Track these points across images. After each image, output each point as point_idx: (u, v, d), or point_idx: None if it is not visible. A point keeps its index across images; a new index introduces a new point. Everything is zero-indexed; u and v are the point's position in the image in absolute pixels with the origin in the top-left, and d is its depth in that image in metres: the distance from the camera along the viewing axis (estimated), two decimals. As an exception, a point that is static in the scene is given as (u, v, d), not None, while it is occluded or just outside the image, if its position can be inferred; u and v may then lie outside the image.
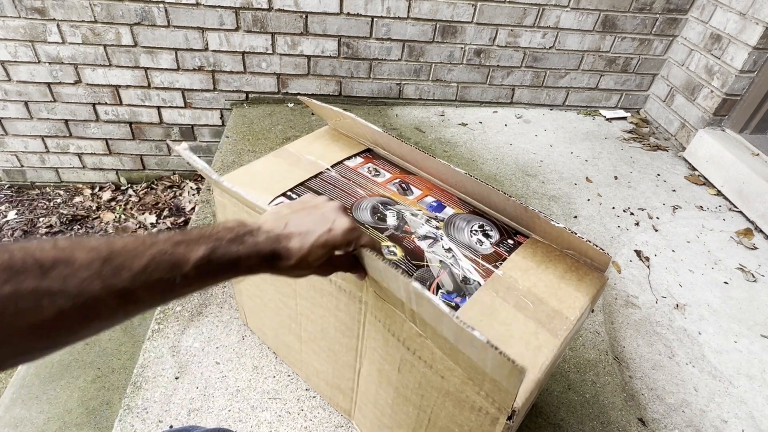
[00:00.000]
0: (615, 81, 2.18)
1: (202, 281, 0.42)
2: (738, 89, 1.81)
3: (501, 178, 1.77)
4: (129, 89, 1.92)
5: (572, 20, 1.96)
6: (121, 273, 0.36)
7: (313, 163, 0.87)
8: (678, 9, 1.97)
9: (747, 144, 1.83)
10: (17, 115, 1.94)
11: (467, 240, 0.74)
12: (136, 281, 0.37)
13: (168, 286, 0.40)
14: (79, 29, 1.74)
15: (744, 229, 1.63)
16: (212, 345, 1.07)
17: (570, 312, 0.65)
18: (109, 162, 2.14)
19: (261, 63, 1.92)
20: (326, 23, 1.84)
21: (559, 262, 0.72)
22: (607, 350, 1.18)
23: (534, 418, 1.01)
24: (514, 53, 2.03)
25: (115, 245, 0.37)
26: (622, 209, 1.67)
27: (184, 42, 1.82)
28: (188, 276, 0.40)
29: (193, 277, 0.41)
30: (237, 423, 0.93)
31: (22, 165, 2.11)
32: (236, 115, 1.95)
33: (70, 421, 1.18)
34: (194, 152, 2.15)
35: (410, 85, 2.08)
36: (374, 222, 0.75)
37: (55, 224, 1.98)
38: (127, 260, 0.37)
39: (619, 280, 1.39)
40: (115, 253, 0.37)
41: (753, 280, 1.43)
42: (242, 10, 1.77)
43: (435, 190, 0.85)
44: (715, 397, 1.11)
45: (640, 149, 2.02)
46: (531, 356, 0.58)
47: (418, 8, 1.85)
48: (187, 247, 0.41)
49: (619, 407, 1.06)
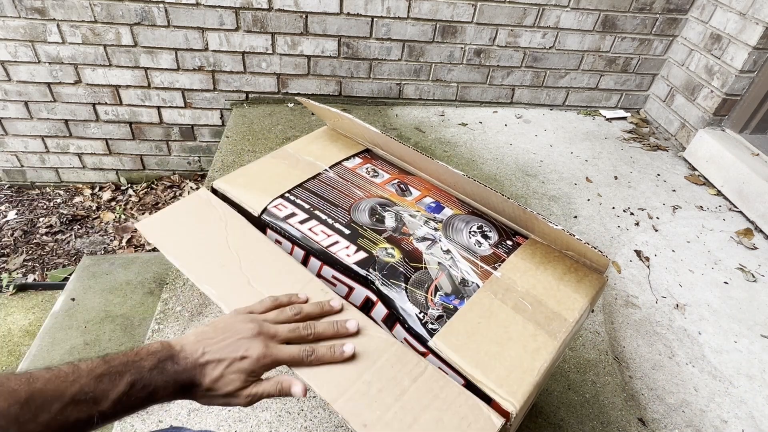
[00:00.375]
0: (615, 81, 2.18)
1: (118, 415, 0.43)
2: (738, 89, 1.81)
3: (501, 178, 1.76)
4: (129, 89, 1.92)
5: (572, 20, 1.96)
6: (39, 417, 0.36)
7: (311, 164, 0.87)
8: (678, 9, 1.97)
9: (747, 144, 1.83)
10: (17, 115, 1.94)
11: (466, 241, 0.74)
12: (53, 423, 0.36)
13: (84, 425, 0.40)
14: (79, 29, 1.74)
15: (744, 229, 1.62)
16: (212, 345, 1.07)
17: (569, 314, 0.65)
18: (109, 162, 2.14)
19: (261, 63, 1.92)
20: (326, 23, 1.84)
21: (558, 263, 0.72)
22: (607, 350, 1.18)
23: (534, 418, 1.01)
24: (514, 53, 2.03)
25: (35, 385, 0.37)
26: (622, 209, 1.67)
27: (184, 42, 1.82)
28: (106, 414, 0.41)
29: (111, 414, 0.41)
30: (237, 423, 0.93)
31: (22, 165, 2.11)
32: (236, 115, 1.95)
33: (70, 421, 1.18)
34: (194, 152, 2.16)
35: (410, 85, 2.07)
36: (372, 224, 0.75)
37: (55, 224, 1.99)
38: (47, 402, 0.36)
39: (619, 280, 1.39)
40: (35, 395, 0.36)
41: (753, 280, 1.43)
42: (242, 10, 1.77)
43: (434, 190, 0.85)
44: (715, 397, 1.11)
45: (640, 149, 2.02)
46: (529, 358, 0.58)
47: (418, 8, 1.85)
48: (111, 381, 0.41)
49: (619, 407, 1.06)
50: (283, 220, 0.74)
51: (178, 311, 1.15)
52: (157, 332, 1.09)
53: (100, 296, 1.48)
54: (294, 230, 0.72)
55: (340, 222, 0.74)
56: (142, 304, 1.45)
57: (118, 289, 1.51)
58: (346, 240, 0.71)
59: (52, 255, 1.89)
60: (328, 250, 0.70)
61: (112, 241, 1.95)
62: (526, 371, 0.57)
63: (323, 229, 0.73)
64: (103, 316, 1.40)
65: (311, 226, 0.73)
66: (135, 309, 1.44)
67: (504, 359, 0.58)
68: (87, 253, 1.89)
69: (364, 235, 0.72)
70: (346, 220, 0.74)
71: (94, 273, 1.57)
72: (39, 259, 1.87)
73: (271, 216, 0.75)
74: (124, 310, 1.43)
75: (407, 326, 0.62)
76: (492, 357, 0.58)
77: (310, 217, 0.75)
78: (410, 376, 0.56)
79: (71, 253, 1.90)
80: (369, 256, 0.69)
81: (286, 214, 0.75)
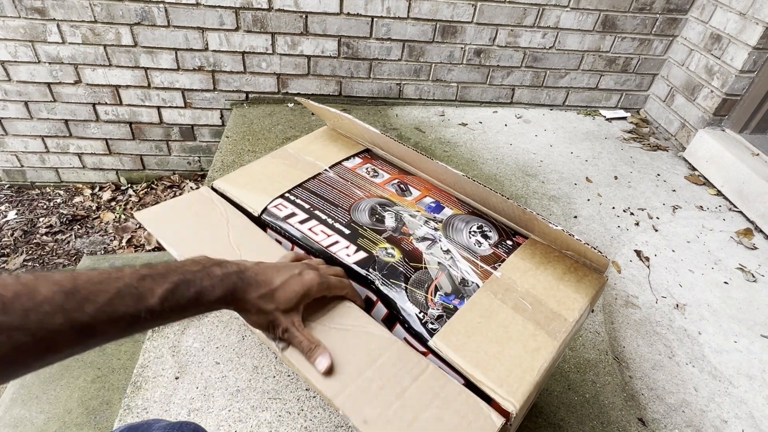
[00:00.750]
0: (615, 81, 2.18)
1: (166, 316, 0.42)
2: (738, 89, 1.81)
3: (501, 178, 1.76)
4: (129, 89, 1.92)
5: (572, 20, 1.96)
6: (85, 306, 0.36)
7: (311, 164, 0.87)
8: (678, 9, 1.97)
9: (747, 144, 1.83)
10: (17, 115, 1.94)
11: (466, 241, 0.74)
12: (100, 315, 0.37)
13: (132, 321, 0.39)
14: (79, 29, 1.75)
15: (744, 229, 1.62)
16: (212, 345, 1.07)
17: (569, 314, 0.65)
18: (109, 162, 2.14)
19: (261, 63, 1.92)
20: (326, 23, 1.84)
21: (558, 263, 0.72)
22: (607, 350, 1.18)
23: (534, 418, 1.01)
24: (514, 53, 2.03)
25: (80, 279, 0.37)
26: (622, 209, 1.67)
27: (184, 42, 1.82)
28: (153, 310, 0.40)
29: (159, 311, 0.41)
30: (237, 423, 0.93)
31: (22, 165, 2.11)
32: (236, 115, 1.95)
33: (70, 421, 1.18)
34: (194, 152, 2.16)
35: (410, 85, 2.07)
36: (372, 223, 0.75)
37: (55, 224, 1.99)
38: (92, 293, 0.37)
39: (619, 280, 1.39)
40: (79, 287, 0.36)
41: (753, 280, 1.43)
42: (242, 10, 1.77)
43: (434, 190, 0.85)
44: (715, 397, 1.11)
45: (640, 149, 2.02)
46: (529, 358, 0.58)
47: (418, 8, 1.85)
48: (153, 281, 0.41)
49: (619, 407, 1.06)
50: (283, 220, 0.74)
51: (178, 311, 1.15)
52: (157, 332, 1.09)
53: (100, 296, 1.47)
54: (294, 230, 0.73)
55: (340, 222, 0.74)
56: (142, 304, 1.45)
57: (118, 289, 1.50)
58: (346, 240, 0.71)
59: (52, 255, 1.89)
60: (328, 249, 0.70)
61: (112, 241, 1.95)
62: (526, 371, 0.57)
63: (323, 229, 0.73)
64: (103, 316, 1.40)
65: (311, 226, 0.73)
66: (135, 309, 1.43)
67: (504, 359, 0.58)
68: (87, 253, 1.89)
69: (364, 235, 0.72)
70: (346, 220, 0.75)
71: (94, 273, 1.56)
72: (39, 259, 1.87)
73: (271, 216, 0.75)
74: (124, 310, 1.42)
75: (407, 326, 0.62)
76: (492, 357, 0.58)
77: (310, 217, 0.75)
78: (411, 375, 0.56)
79: (71, 253, 1.90)
80: (369, 256, 0.69)
81: (286, 214, 0.75)
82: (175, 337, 1.08)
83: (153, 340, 1.08)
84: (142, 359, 1.04)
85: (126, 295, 0.39)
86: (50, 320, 0.34)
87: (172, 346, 1.07)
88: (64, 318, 0.34)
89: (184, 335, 1.09)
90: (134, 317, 0.39)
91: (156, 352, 1.05)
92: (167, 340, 1.08)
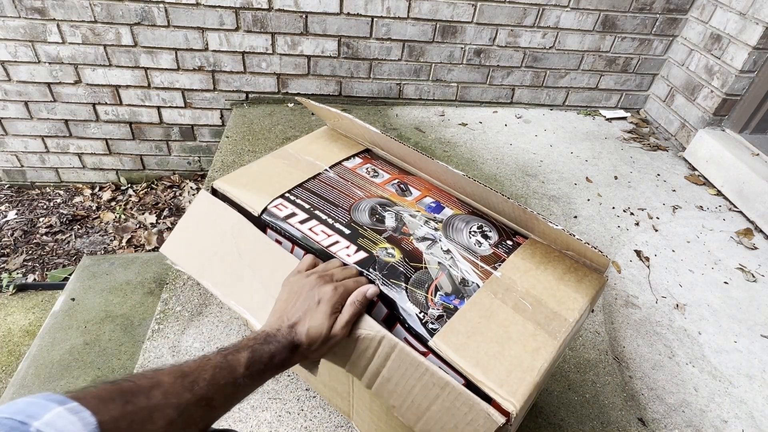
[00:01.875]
0: (615, 81, 2.18)
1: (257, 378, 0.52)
2: (738, 89, 1.81)
3: (501, 178, 1.77)
4: (129, 89, 1.92)
5: (572, 20, 1.96)
6: (198, 383, 0.46)
7: (311, 164, 0.87)
8: (678, 9, 1.97)
9: (747, 144, 1.83)
10: (17, 115, 1.94)
11: (466, 241, 0.74)
12: (210, 388, 0.46)
13: (234, 388, 0.49)
14: (79, 29, 1.75)
15: (744, 229, 1.62)
16: (212, 345, 1.07)
17: (569, 313, 0.64)
18: (109, 162, 2.14)
19: (261, 63, 1.92)
20: (326, 23, 1.84)
21: (558, 263, 0.72)
22: (607, 350, 1.18)
23: (534, 418, 1.01)
24: (514, 53, 2.03)
25: (183, 368, 0.46)
26: (622, 209, 1.67)
27: (184, 42, 1.82)
28: (245, 375, 0.50)
29: (248, 375, 0.50)
30: (237, 423, 0.93)
31: (22, 165, 2.11)
32: (236, 115, 1.95)
33: (71, 421, 1.18)
34: (194, 152, 2.16)
35: (410, 85, 2.07)
36: (372, 223, 0.74)
37: (55, 224, 1.99)
38: (199, 375, 0.46)
39: (619, 280, 1.39)
40: (186, 373, 0.46)
41: (753, 280, 1.43)
42: (242, 10, 1.77)
43: (434, 190, 0.85)
44: (715, 397, 1.11)
45: (640, 149, 2.02)
46: (529, 358, 0.58)
47: (418, 8, 1.85)
48: (234, 355, 0.51)
49: (619, 407, 1.06)
50: (283, 220, 0.74)
51: (178, 311, 1.15)
52: (157, 332, 1.09)
53: (100, 296, 1.48)
54: (294, 230, 0.72)
55: (340, 222, 0.74)
56: (142, 304, 1.45)
57: (118, 289, 1.51)
58: (346, 240, 0.71)
59: (52, 255, 1.89)
60: (328, 250, 0.70)
61: (112, 241, 1.95)
62: (526, 371, 0.57)
63: (323, 229, 0.73)
64: (103, 316, 1.40)
65: (311, 226, 0.73)
66: (135, 309, 1.44)
67: (504, 359, 0.58)
68: (87, 253, 1.89)
69: (365, 235, 0.72)
70: (347, 220, 0.74)
71: (94, 273, 1.57)
72: (39, 259, 1.87)
73: (271, 216, 0.75)
74: (124, 310, 1.43)
75: (407, 326, 0.62)
76: (492, 357, 0.58)
77: (310, 217, 0.75)
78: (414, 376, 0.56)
79: (71, 253, 1.90)
80: (369, 256, 0.69)
81: (287, 214, 0.75)
82: (175, 337, 1.08)
83: (153, 340, 1.08)
84: (142, 359, 1.04)
85: (221, 369, 0.48)
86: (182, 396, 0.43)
87: (172, 346, 1.07)
88: (191, 393, 0.44)
89: (184, 335, 1.09)
90: (234, 385, 0.49)
91: (156, 352, 1.05)
92: (167, 340, 1.08)
